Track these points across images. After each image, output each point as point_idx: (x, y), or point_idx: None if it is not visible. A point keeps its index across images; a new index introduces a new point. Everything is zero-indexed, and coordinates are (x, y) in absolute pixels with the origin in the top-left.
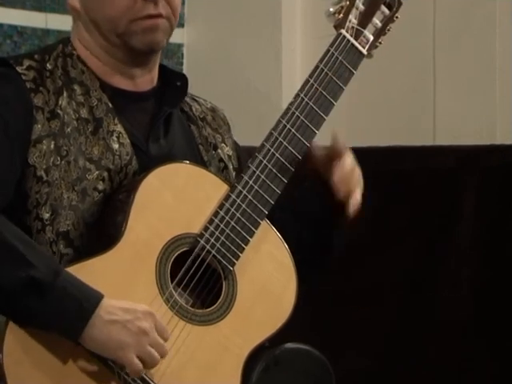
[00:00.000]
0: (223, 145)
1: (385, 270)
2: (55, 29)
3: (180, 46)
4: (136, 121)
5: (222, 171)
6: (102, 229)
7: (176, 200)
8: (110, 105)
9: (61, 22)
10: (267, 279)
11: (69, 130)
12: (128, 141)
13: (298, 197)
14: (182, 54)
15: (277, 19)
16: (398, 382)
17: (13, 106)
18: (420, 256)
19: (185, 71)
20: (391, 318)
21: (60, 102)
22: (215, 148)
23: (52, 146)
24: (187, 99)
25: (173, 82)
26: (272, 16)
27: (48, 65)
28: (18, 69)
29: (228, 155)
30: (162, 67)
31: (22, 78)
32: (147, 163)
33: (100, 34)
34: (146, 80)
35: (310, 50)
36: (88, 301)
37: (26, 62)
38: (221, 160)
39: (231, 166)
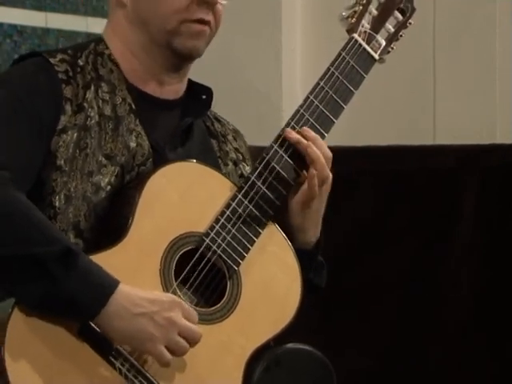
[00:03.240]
0: (244, 163)
1: (385, 270)
2: (55, 28)
3: None
4: (157, 126)
5: None
6: (109, 224)
7: (182, 199)
8: (134, 106)
9: (61, 22)
10: (272, 280)
11: (91, 123)
12: (146, 142)
13: None
14: None
15: (277, 19)
16: (398, 381)
17: (44, 94)
18: (420, 256)
19: None
20: (391, 317)
21: (87, 96)
22: (236, 163)
23: (75, 137)
24: (210, 117)
25: (198, 95)
26: (272, 16)
27: (80, 61)
28: (52, 60)
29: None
30: (188, 80)
31: (55, 68)
32: None
33: (145, 32)
34: (174, 89)
35: (310, 50)
36: (109, 282)
37: (59, 56)
38: (241, 175)
39: (246, 174)
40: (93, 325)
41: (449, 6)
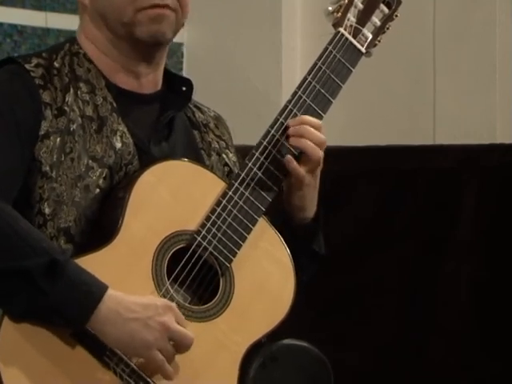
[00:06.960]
0: (227, 151)
1: (384, 270)
2: (55, 28)
3: (180, 45)
4: (139, 122)
5: (227, 175)
6: (100, 226)
7: (172, 197)
8: (115, 104)
9: (61, 21)
10: (265, 276)
11: (74, 127)
12: (131, 140)
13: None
14: (182, 54)
15: (277, 19)
16: (398, 381)
17: (23, 102)
18: (420, 256)
19: (185, 70)
20: (391, 317)
21: (67, 99)
22: (219, 153)
23: (58, 142)
24: (191, 106)
25: (178, 87)
26: (272, 16)
27: (55, 63)
28: (27, 66)
29: (233, 161)
30: (166, 72)
31: (31, 74)
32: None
33: (106, 27)
34: (151, 80)
35: (310, 50)
36: (97, 288)
37: (35, 60)
38: (226, 164)
39: (236, 171)
40: (86, 326)
41: (449, 6)
